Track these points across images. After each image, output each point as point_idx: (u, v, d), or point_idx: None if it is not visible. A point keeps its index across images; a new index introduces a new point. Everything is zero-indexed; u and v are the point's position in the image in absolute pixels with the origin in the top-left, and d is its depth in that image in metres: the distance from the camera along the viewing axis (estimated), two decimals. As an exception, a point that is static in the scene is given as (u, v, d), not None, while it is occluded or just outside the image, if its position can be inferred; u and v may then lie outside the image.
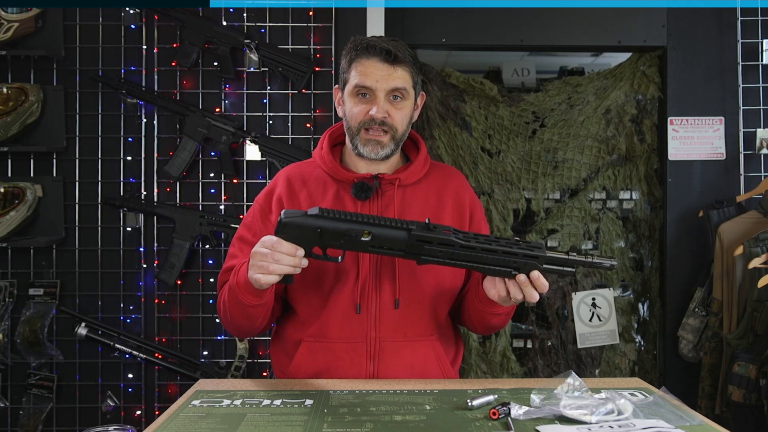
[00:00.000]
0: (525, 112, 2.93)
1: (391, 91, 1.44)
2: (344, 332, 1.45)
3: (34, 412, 2.52)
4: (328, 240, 1.29)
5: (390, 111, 1.45)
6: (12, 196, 2.50)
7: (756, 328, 2.31)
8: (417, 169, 1.54)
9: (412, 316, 1.47)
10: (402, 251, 1.29)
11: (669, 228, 2.78)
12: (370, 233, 1.28)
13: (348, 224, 1.28)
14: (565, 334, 2.93)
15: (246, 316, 1.41)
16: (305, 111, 2.62)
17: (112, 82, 2.54)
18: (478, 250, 1.29)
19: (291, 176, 1.54)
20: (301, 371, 1.47)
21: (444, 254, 1.29)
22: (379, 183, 1.49)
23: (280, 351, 1.55)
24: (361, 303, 1.44)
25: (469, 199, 1.57)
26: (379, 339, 1.44)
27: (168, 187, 2.61)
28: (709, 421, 1.17)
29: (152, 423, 1.17)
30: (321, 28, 2.61)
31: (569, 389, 1.22)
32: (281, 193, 1.51)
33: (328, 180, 1.52)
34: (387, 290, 1.45)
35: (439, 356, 1.50)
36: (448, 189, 1.56)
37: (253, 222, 1.52)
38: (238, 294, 1.36)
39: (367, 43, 1.43)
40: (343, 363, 1.44)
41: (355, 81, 1.44)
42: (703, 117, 2.76)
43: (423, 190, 1.54)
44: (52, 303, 2.53)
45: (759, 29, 2.69)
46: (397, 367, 1.45)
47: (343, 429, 1.12)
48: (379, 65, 1.42)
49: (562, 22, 2.78)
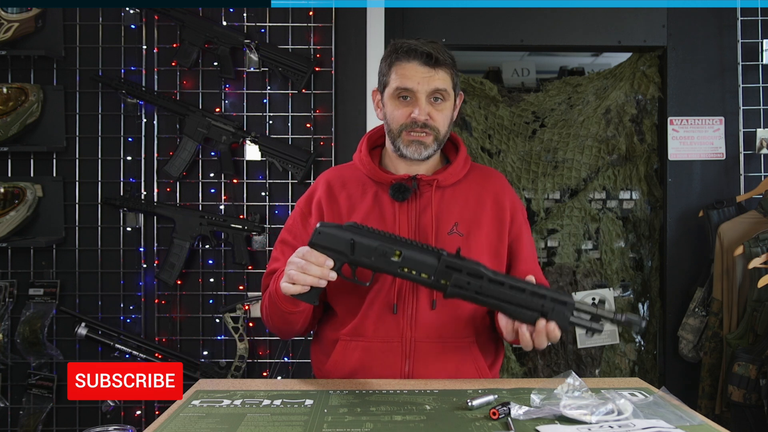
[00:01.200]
0: (525, 112, 2.93)
1: (432, 93, 1.44)
2: (380, 332, 1.45)
3: (34, 412, 2.52)
4: (359, 255, 1.29)
5: (431, 113, 1.45)
6: (12, 196, 2.50)
7: (756, 328, 2.32)
8: (456, 171, 1.53)
9: (449, 317, 1.46)
10: (430, 276, 1.28)
11: (669, 228, 2.78)
12: (401, 254, 1.28)
13: (380, 241, 1.29)
14: (565, 334, 2.93)
15: (285, 322, 1.43)
16: (305, 111, 2.62)
17: (112, 82, 2.54)
18: (507, 287, 1.26)
19: (331, 179, 1.55)
20: (338, 369, 1.47)
21: (472, 287, 1.27)
22: (417, 184, 1.48)
23: (319, 350, 1.56)
24: (398, 303, 1.44)
25: (510, 202, 1.55)
26: (415, 339, 1.44)
27: (168, 187, 2.61)
28: (709, 421, 1.17)
29: (152, 423, 1.17)
30: (321, 28, 2.61)
31: (569, 389, 1.22)
32: (321, 197, 1.52)
33: (367, 182, 1.52)
34: (424, 291, 1.45)
35: (476, 359, 1.49)
36: (487, 191, 1.54)
37: (294, 225, 1.54)
38: (276, 301, 1.39)
39: (408, 46, 1.43)
40: (378, 362, 1.45)
41: (396, 83, 1.44)
42: (703, 117, 2.76)
43: (462, 191, 1.53)
44: (52, 303, 2.53)
45: (759, 29, 2.69)
46: (432, 368, 1.45)
47: (343, 429, 1.12)
48: (419, 68, 1.42)
49: (562, 22, 2.78)
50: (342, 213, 1.49)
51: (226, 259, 2.61)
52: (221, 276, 2.61)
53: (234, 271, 2.60)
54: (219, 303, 2.60)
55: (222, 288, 2.60)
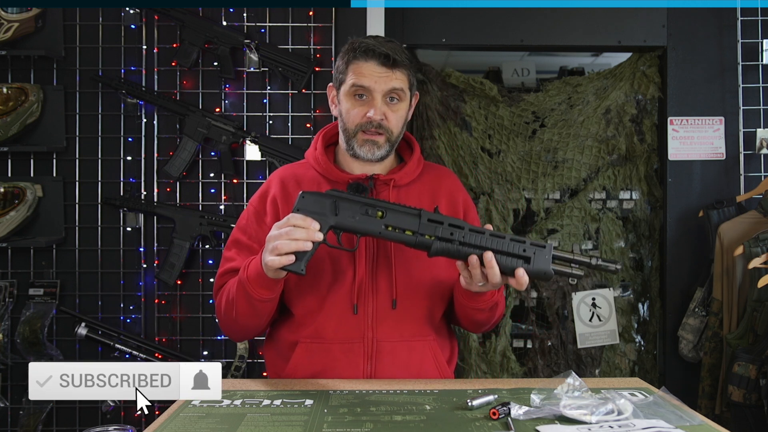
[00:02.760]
0: (525, 112, 2.93)
1: (388, 92, 1.44)
2: (341, 333, 1.44)
3: (34, 412, 2.52)
4: (343, 216, 1.32)
5: (386, 113, 1.45)
6: (12, 196, 2.50)
7: (756, 328, 2.31)
8: (411, 170, 1.54)
9: (409, 316, 1.47)
10: (414, 233, 1.32)
11: (669, 228, 2.78)
12: (384, 213, 1.33)
13: (362, 202, 1.34)
14: (565, 334, 2.93)
15: (254, 314, 1.41)
16: (305, 111, 2.62)
17: (112, 82, 2.54)
18: (487, 235, 1.30)
19: (285, 178, 1.54)
20: (298, 373, 1.46)
21: (455, 238, 1.30)
22: (373, 183, 1.49)
23: (275, 354, 1.54)
24: (358, 303, 1.44)
25: (463, 199, 1.58)
26: (377, 339, 1.44)
27: (168, 187, 2.61)
28: (709, 421, 1.17)
29: (152, 423, 1.17)
30: (321, 28, 2.61)
31: (569, 389, 1.22)
32: (276, 195, 1.51)
33: (322, 181, 1.52)
34: (384, 289, 1.46)
35: (436, 356, 1.50)
36: (441, 189, 1.56)
37: (248, 224, 1.52)
38: (248, 289, 1.36)
39: (365, 46, 1.43)
40: (340, 364, 1.44)
41: (352, 80, 1.44)
42: (703, 117, 2.76)
43: (417, 190, 1.54)
44: (52, 303, 2.53)
45: (759, 29, 2.69)
46: (394, 368, 1.45)
47: (343, 429, 1.12)
48: (377, 68, 1.43)
49: (562, 22, 2.78)
50: None
51: (226, 259, 2.61)
52: (221, 276, 2.60)
53: (234, 271, 2.60)
54: (219, 303, 2.60)
55: (222, 288, 2.60)
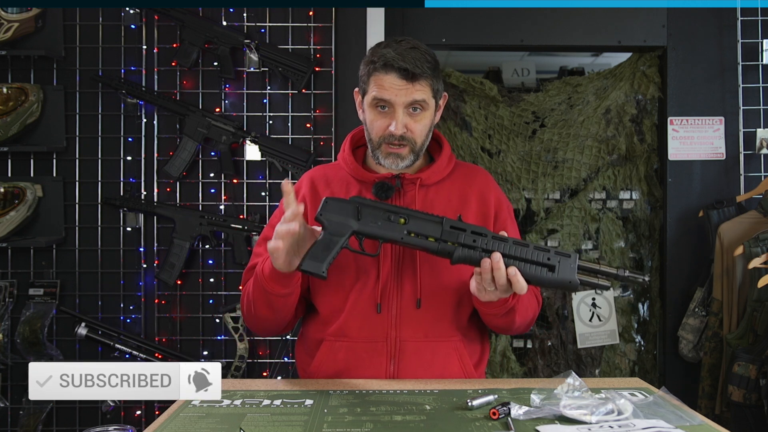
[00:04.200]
0: (525, 112, 2.93)
1: (410, 104, 1.43)
2: (364, 332, 1.44)
3: (34, 412, 2.52)
4: (365, 222, 1.33)
5: (409, 124, 1.43)
6: (12, 196, 2.50)
7: (756, 328, 2.31)
8: (440, 169, 1.53)
9: (434, 316, 1.46)
10: (436, 239, 1.32)
11: (669, 228, 2.78)
12: (406, 220, 1.33)
13: (385, 208, 1.35)
14: (565, 334, 2.93)
15: (271, 309, 1.41)
16: (305, 111, 2.62)
17: (112, 82, 2.54)
18: (511, 243, 1.29)
19: (315, 178, 1.56)
20: (322, 370, 1.47)
21: (478, 245, 1.29)
22: (400, 183, 1.49)
23: (303, 351, 1.55)
24: (381, 303, 1.44)
25: (495, 198, 1.55)
26: (400, 339, 1.44)
27: (168, 187, 2.61)
28: (709, 421, 1.17)
29: (152, 423, 1.17)
30: (321, 28, 2.61)
31: (569, 389, 1.22)
32: (305, 194, 1.52)
33: (351, 181, 1.52)
34: (408, 290, 1.45)
35: (462, 357, 1.48)
36: (472, 188, 1.54)
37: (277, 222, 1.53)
38: (263, 283, 1.38)
39: (385, 60, 1.41)
40: (363, 363, 1.44)
41: (374, 93, 1.43)
42: (703, 117, 2.76)
43: (446, 189, 1.53)
44: (52, 303, 2.53)
45: (759, 29, 2.69)
46: (418, 368, 1.44)
47: (343, 429, 1.12)
48: (397, 81, 1.41)
49: (562, 22, 2.78)
50: None
51: (226, 259, 2.61)
52: (221, 276, 2.61)
53: (234, 271, 2.60)
54: (219, 303, 2.60)
55: (222, 288, 2.60)
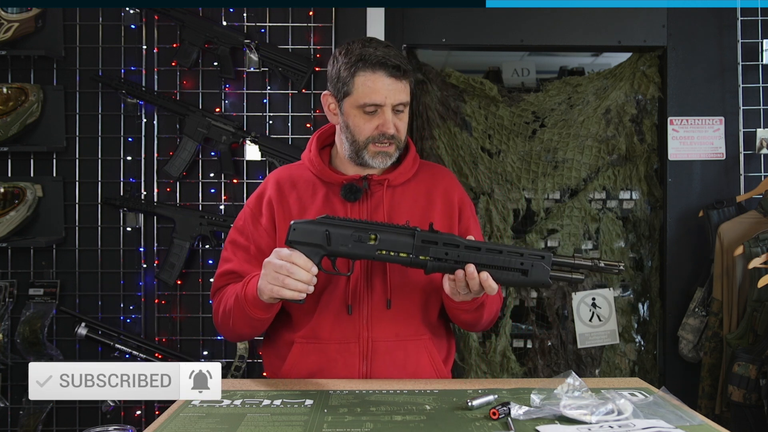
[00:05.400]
0: (525, 112, 2.93)
1: (397, 105, 1.44)
2: (336, 333, 1.45)
3: (34, 412, 2.52)
4: (336, 245, 1.31)
5: (396, 124, 1.45)
6: (12, 196, 2.50)
7: (756, 328, 2.31)
8: (406, 170, 1.54)
9: (404, 315, 1.47)
10: (409, 254, 1.31)
11: (669, 228, 2.78)
12: (377, 237, 1.31)
13: (354, 228, 1.32)
14: (565, 334, 2.93)
15: (251, 327, 1.43)
16: (305, 111, 2.62)
17: (112, 82, 2.54)
18: (483, 251, 1.29)
19: (280, 179, 1.55)
20: (294, 373, 1.47)
21: (450, 257, 1.29)
22: (368, 184, 1.49)
23: (272, 353, 1.55)
24: (352, 304, 1.45)
25: (458, 198, 1.56)
26: (372, 339, 1.45)
27: (168, 187, 2.61)
28: (709, 421, 1.17)
29: (152, 423, 1.17)
30: (321, 28, 2.61)
31: (569, 389, 1.22)
32: (271, 196, 1.52)
33: (317, 182, 1.52)
34: (378, 291, 1.46)
35: (432, 355, 1.50)
36: (437, 188, 1.56)
37: (245, 226, 1.53)
38: (245, 308, 1.38)
39: (376, 58, 1.40)
40: (335, 364, 1.45)
41: (364, 99, 1.42)
42: (703, 117, 2.76)
43: (412, 189, 1.54)
44: (52, 303, 2.53)
45: (759, 29, 2.69)
46: (390, 367, 1.45)
47: (343, 429, 1.12)
48: (386, 80, 1.41)
49: (562, 22, 2.78)
50: (293, 213, 1.48)
51: (226, 259, 2.61)
52: (221, 276, 2.60)
53: (234, 271, 2.60)
54: (219, 303, 2.60)
55: (222, 288, 2.60)
